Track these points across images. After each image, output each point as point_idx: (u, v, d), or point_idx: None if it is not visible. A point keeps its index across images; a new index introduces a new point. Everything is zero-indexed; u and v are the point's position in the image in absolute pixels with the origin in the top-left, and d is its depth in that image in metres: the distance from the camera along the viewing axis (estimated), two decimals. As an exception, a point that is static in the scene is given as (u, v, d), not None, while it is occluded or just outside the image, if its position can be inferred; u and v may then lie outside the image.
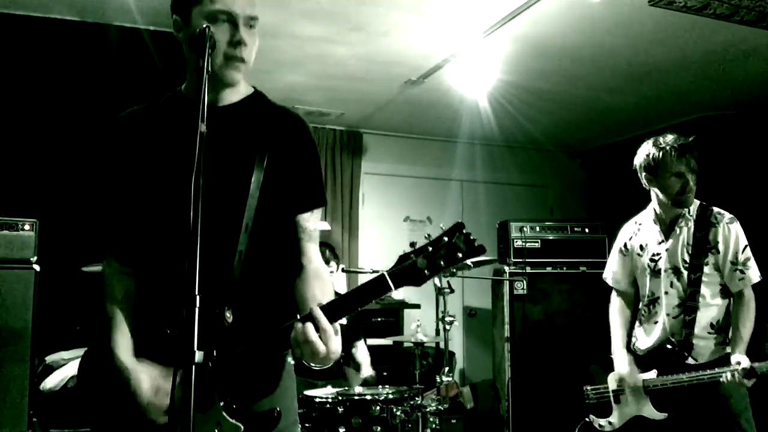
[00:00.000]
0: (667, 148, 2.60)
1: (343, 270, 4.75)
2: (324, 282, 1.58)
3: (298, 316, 1.41)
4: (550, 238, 4.77)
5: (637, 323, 2.86)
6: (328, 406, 3.12)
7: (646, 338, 2.76)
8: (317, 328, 1.36)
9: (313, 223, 1.64)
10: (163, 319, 1.46)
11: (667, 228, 2.71)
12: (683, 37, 3.77)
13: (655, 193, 2.72)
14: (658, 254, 2.71)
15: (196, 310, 1.25)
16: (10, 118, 3.76)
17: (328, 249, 4.07)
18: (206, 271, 1.28)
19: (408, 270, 1.38)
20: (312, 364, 1.44)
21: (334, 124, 5.66)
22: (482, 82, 4.44)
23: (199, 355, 1.25)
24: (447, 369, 3.65)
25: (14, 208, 3.37)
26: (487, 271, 4.81)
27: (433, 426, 3.28)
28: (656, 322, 2.71)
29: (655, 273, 2.71)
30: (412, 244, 1.43)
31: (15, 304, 3.18)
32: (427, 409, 3.24)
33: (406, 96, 4.89)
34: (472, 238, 1.38)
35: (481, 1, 3.37)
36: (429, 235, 1.43)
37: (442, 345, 3.70)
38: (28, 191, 3.69)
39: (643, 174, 2.71)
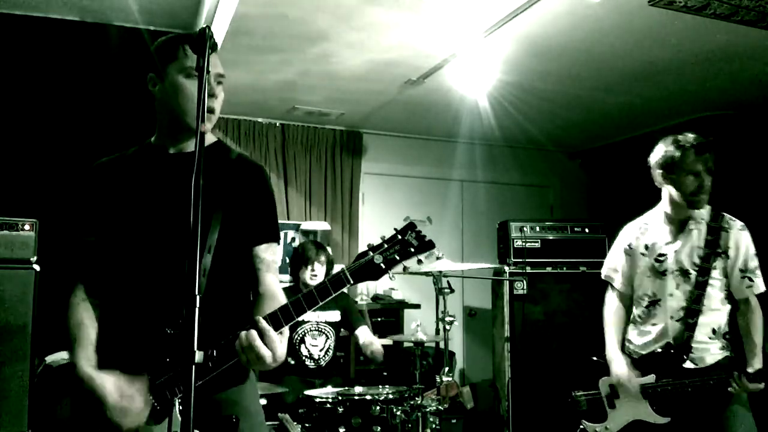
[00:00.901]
0: (687, 145, 2.56)
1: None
2: (278, 302, 1.68)
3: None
4: (550, 238, 4.77)
5: (631, 325, 2.81)
6: (328, 406, 3.12)
7: (642, 341, 2.72)
8: (261, 335, 1.49)
9: (270, 254, 1.78)
10: (135, 339, 1.59)
11: (677, 229, 2.67)
12: (683, 37, 3.76)
13: (668, 191, 2.67)
14: (664, 255, 2.67)
15: (197, 310, 1.27)
16: (10, 118, 3.76)
17: (324, 253, 4.03)
18: (174, 286, 1.39)
19: (366, 266, 1.55)
20: (260, 368, 1.55)
21: (334, 124, 5.66)
22: (482, 82, 4.44)
23: (199, 355, 1.27)
24: (447, 369, 3.64)
25: (14, 208, 3.37)
26: (487, 271, 4.81)
27: (433, 426, 3.28)
28: (654, 324, 2.66)
29: (660, 274, 2.67)
30: (369, 244, 1.59)
31: (15, 304, 3.17)
32: (427, 409, 3.24)
33: (406, 96, 4.89)
34: (422, 234, 1.57)
35: (482, 1, 3.37)
36: (384, 236, 1.59)
37: (442, 345, 3.70)
38: (28, 191, 3.69)
39: (659, 171, 2.67)
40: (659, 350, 2.63)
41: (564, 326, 4.62)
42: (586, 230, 4.80)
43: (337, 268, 4.34)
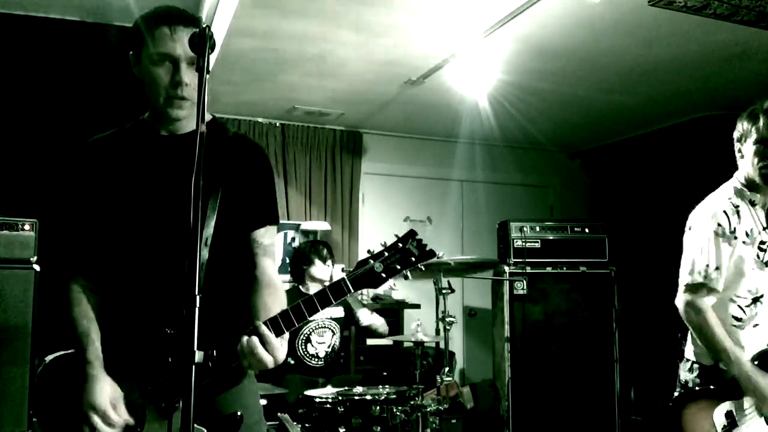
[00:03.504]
0: (758, 112, 2.33)
1: (343, 270, 4.75)
2: (275, 291, 1.68)
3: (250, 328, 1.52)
4: (550, 238, 4.77)
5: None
6: (328, 406, 3.12)
7: (746, 347, 2.30)
8: (263, 342, 1.48)
9: (267, 239, 1.74)
10: (148, 326, 1.55)
11: (767, 211, 2.37)
12: (683, 37, 3.76)
13: (744, 168, 2.38)
14: (764, 242, 2.33)
15: (197, 309, 1.27)
16: (10, 118, 3.76)
17: (326, 248, 4.08)
18: (172, 282, 1.36)
19: (366, 274, 1.54)
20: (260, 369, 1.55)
21: (334, 124, 5.66)
22: (482, 82, 4.44)
23: (199, 355, 1.27)
24: (447, 369, 3.64)
25: (14, 208, 3.37)
26: (487, 271, 4.81)
27: (433, 426, 3.28)
28: (756, 325, 2.30)
29: (764, 264, 2.32)
30: (369, 251, 1.58)
31: (15, 304, 3.17)
32: (427, 409, 3.23)
33: (406, 96, 4.89)
34: (423, 243, 1.55)
35: (481, 1, 3.37)
36: (385, 242, 1.57)
37: (442, 345, 3.70)
38: (28, 191, 3.69)
39: (735, 146, 2.42)
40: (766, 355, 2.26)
41: (564, 326, 4.62)
42: (586, 230, 4.80)
43: (337, 267, 4.37)
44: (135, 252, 1.63)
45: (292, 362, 3.83)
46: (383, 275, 1.53)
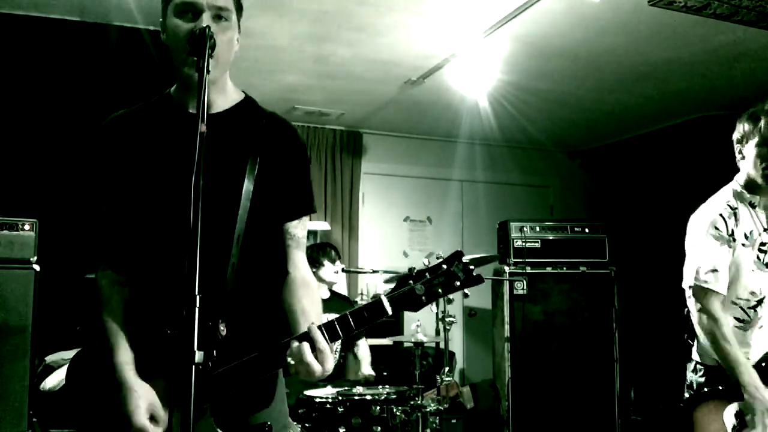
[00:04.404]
0: (761, 114, 2.32)
1: (343, 270, 4.75)
2: (311, 291, 1.59)
3: (297, 333, 1.43)
4: (550, 238, 4.77)
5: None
6: (328, 406, 3.12)
7: (750, 350, 2.30)
8: (313, 348, 1.38)
9: (301, 230, 1.65)
10: (160, 323, 1.45)
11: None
12: (683, 37, 3.77)
13: (745, 170, 2.38)
14: (765, 244, 2.33)
15: (197, 309, 1.25)
16: (10, 118, 3.76)
17: (334, 250, 4.09)
18: (200, 283, 1.27)
19: (406, 295, 1.40)
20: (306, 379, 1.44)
21: (334, 124, 5.66)
22: (482, 82, 4.44)
23: (199, 355, 1.24)
24: (447, 369, 3.65)
25: (14, 208, 3.37)
26: (487, 271, 4.81)
27: (433, 426, 3.28)
28: (761, 327, 2.30)
29: (765, 266, 2.32)
30: (411, 269, 1.48)
31: (15, 304, 3.17)
32: (427, 409, 3.24)
33: (406, 96, 4.89)
34: (470, 267, 1.42)
35: (481, 1, 3.37)
36: (428, 261, 1.46)
37: (442, 345, 3.70)
38: (28, 191, 3.69)
39: (735, 147, 2.41)
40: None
41: (564, 326, 4.62)
42: (586, 230, 4.80)
43: (338, 267, 4.37)
44: (161, 244, 1.51)
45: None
46: (424, 299, 1.40)
